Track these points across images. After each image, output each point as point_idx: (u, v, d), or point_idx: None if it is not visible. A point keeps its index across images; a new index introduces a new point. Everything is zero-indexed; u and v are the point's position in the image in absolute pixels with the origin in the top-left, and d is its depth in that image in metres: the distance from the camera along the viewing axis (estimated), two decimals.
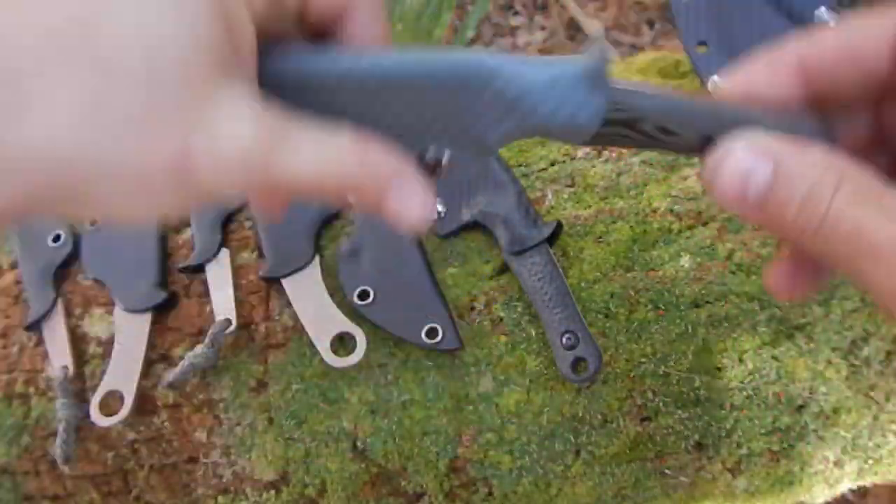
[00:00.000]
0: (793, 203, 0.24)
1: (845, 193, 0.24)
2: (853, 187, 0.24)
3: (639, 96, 0.28)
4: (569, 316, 0.46)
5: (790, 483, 0.52)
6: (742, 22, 0.51)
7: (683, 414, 0.47)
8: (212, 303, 0.50)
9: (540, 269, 0.47)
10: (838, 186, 0.24)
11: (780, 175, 0.25)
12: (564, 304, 0.47)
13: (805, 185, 0.24)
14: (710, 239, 0.49)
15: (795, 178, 0.24)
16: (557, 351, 0.46)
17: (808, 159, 0.25)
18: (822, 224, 0.24)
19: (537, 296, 0.47)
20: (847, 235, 0.23)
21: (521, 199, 0.50)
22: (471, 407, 0.48)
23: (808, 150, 0.25)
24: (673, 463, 0.50)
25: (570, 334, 0.46)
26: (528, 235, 0.48)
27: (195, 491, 0.51)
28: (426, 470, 0.48)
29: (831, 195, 0.24)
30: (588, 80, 0.26)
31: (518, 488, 0.49)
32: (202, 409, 0.49)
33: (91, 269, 0.53)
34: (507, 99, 0.27)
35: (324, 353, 0.47)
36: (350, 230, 0.52)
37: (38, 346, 0.51)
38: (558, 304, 0.47)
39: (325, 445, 0.48)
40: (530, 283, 0.48)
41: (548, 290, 0.47)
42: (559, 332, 0.46)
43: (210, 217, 0.53)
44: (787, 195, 0.24)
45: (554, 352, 0.46)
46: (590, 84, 0.27)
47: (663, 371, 0.47)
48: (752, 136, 0.26)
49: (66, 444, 0.47)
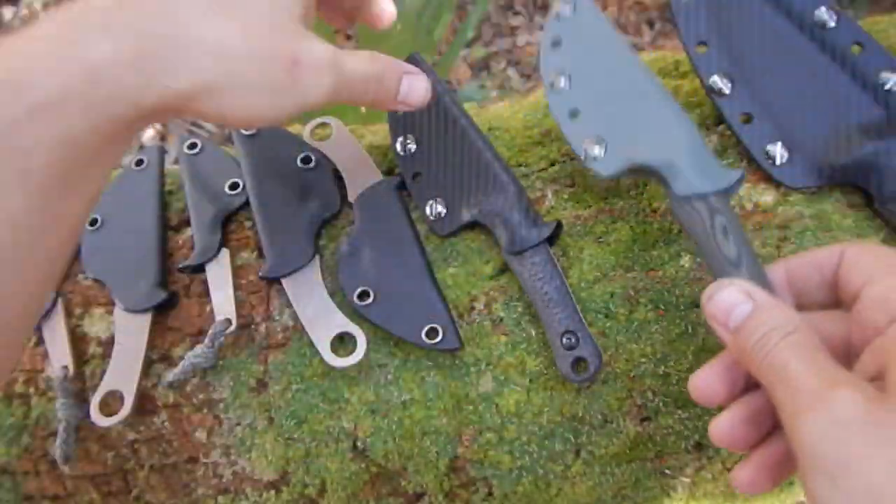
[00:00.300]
0: (754, 337, 0.33)
1: (788, 342, 0.32)
2: (796, 340, 0.32)
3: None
4: (569, 316, 0.46)
5: (790, 483, 0.52)
6: (742, 22, 0.51)
7: (683, 414, 0.47)
8: (212, 303, 0.50)
9: (540, 270, 0.47)
10: (790, 334, 0.32)
11: (756, 314, 0.34)
12: (564, 304, 0.46)
13: (767, 327, 0.33)
14: None
15: (763, 320, 0.33)
16: (557, 351, 0.46)
17: (779, 311, 0.34)
18: (766, 355, 0.32)
19: (537, 296, 0.47)
20: (779, 368, 0.32)
21: (521, 199, 0.50)
22: (471, 407, 0.48)
23: (780, 303, 0.35)
24: (673, 463, 0.50)
25: (570, 334, 0.46)
26: (527, 235, 0.48)
27: (195, 491, 0.51)
28: (426, 470, 0.48)
29: (779, 339, 0.32)
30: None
31: (518, 488, 0.49)
32: (202, 409, 0.49)
33: (91, 269, 0.53)
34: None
35: (324, 353, 0.47)
36: (350, 230, 0.52)
37: (38, 346, 0.51)
38: (558, 304, 0.46)
39: (325, 445, 0.48)
40: (530, 284, 0.47)
41: (548, 290, 0.47)
42: (559, 332, 0.46)
43: (210, 217, 0.53)
44: (753, 329, 0.33)
45: (554, 352, 0.46)
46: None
47: (663, 371, 0.47)
48: (744, 281, 0.36)
49: (66, 444, 0.47)
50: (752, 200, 0.50)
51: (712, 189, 0.42)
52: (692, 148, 0.44)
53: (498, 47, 1.90)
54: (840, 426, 0.29)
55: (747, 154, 0.51)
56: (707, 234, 0.41)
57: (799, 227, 0.48)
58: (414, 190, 0.54)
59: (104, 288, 0.52)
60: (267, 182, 0.54)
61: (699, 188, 0.42)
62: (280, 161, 0.55)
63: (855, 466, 0.28)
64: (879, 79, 0.48)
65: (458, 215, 0.51)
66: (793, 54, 0.50)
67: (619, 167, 0.46)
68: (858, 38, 0.49)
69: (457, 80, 1.81)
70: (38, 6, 1.97)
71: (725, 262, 0.40)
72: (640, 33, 1.89)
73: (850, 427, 0.29)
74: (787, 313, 0.34)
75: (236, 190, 0.55)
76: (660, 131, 0.46)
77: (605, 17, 0.52)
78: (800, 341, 0.32)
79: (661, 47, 1.83)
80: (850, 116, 0.48)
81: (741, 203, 0.50)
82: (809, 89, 0.49)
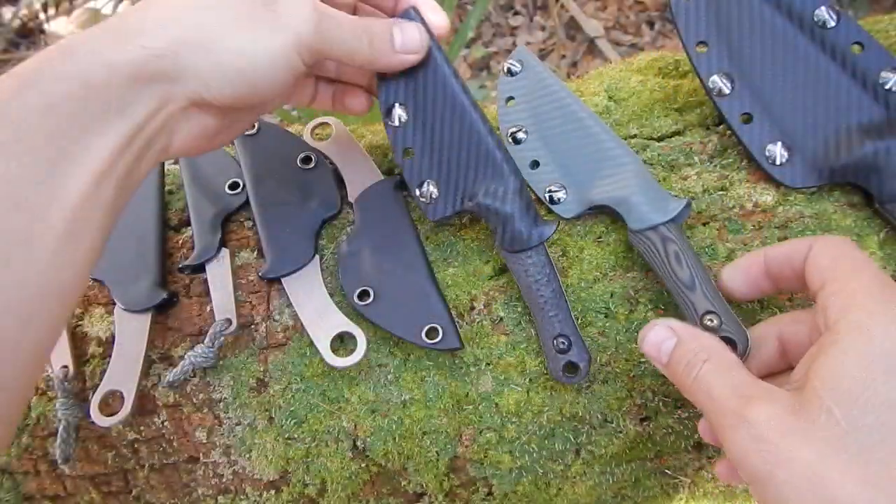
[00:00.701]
0: (681, 366, 0.38)
1: (709, 365, 0.36)
2: (715, 363, 0.36)
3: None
4: (563, 320, 0.46)
5: None
6: (742, 22, 0.51)
7: (683, 414, 0.47)
8: (212, 302, 0.50)
9: (537, 271, 0.47)
10: (707, 360, 0.37)
11: (679, 346, 0.38)
12: (559, 307, 0.46)
13: (689, 356, 0.37)
14: (710, 239, 0.49)
15: (686, 351, 0.38)
16: (549, 353, 0.46)
17: (696, 341, 0.38)
18: (693, 381, 0.37)
19: (532, 296, 0.47)
20: (704, 392, 0.36)
21: (522, 194, 0.48)
22: (471, 407, 0.48)
23: (699, 334, 0.39)
24: (673, 463, 0.50)
25: (563, 338, 0.46)
26: (527, 235, 0.47)
27: (195, 491, 0.51)
28: (426, 469, 0.48)
29: (701, 364, 0.37)
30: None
31: (518, 488, 0.49)
32: (202, 408, 0.49)
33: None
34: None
35: (324, 353, 0.47)
36: (350, 230, 0.52)
37: None
38: (553, 307, 0.46)
39: (326, 445, 0.48)
40: (525, 283, 0.47)
41: (544, 292, 0.46)
42: (552, 335, 0.46)
43: (210, 217, 0.53)
44: (679, 359, 0.38)
45: (545, 353, 0.46)
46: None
47: None
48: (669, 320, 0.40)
49: (66, 444, 0.47)
50: (752, 200, 0.50)
51: (662, 220, 0.46)
52: (641, 184, 0.49)
53: (498, 47, 1.90)
54: (759, 441, 0.32)
55: (747, 154, 0.51)
56: (662, 262, 0.46)
57: (799, 226, 0.48)
58: (405, 169, 0.50)
59: (104, 288, 0.52)
60: (267, 182, 0.54)
61: (650, 221, 0.47)
62: (280, 161, 0.55)
63: (779, 475, 0.31)
64: (880, 78, 0.48)
65: (452, 200, 0.49)
66: (793, 54, 0.50)
67: (579, 209, 0.51)
68: (859, 38, 0.49)
69: None
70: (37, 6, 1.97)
71: (681, 285, 0.45)
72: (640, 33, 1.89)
73: (767, 440, 0.32)
74: (704, 342, 0.38)
75: (236, 190, 0.55)
76: (611, 173, 0.50)
77: (548, 68, 0.56)
78: (717, 365, 0.36)
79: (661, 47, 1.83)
80: (850, 116, 0.48)
81: (741, 203, 0.50)
82: (810, 89, 0.49)
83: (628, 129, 0.55)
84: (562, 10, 1.91)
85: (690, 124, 0.55)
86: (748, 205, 0.50)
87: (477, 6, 1.35)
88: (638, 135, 0.55)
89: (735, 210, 0.49)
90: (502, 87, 0.56)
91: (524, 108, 0.55)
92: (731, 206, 0.50)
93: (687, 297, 0.44)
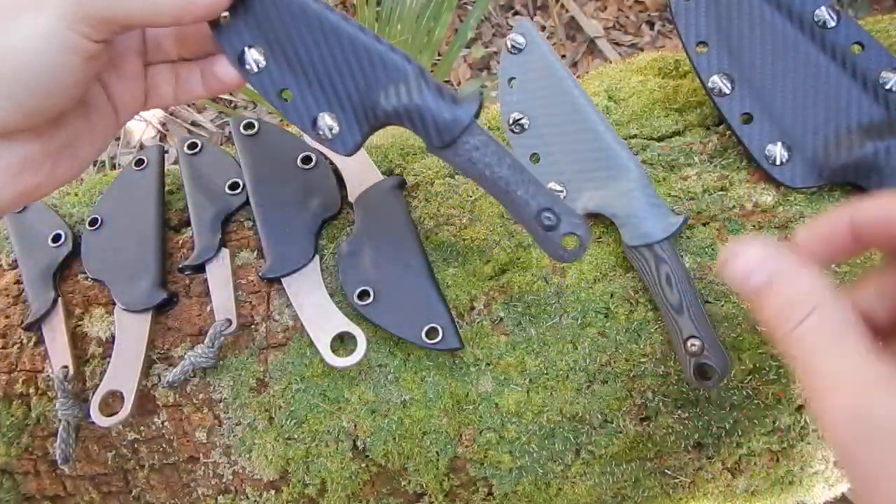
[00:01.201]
0: (772, 309, 0.30)
1: (815, 319, 0.28)
2: (825, 317, 0.28)
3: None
4: (536, 192, 0.42)
5: (790, 483, 0.52)
6: (742, 22, 0.51)
7: (683, 414, 0.47)
8: (212, 303, 0.50)
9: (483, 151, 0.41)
10: (810, 313, 0.29)
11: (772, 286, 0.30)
12: (526, 181, 0.42)
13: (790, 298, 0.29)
14: (710, 239, 0.49)
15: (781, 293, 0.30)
16: (679, 353, 0.45)
17: (802, 280, 0.30)
18: (787, 336, 0.29)
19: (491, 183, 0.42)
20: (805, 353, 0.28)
21: (427, 78, 0.41)
22: (471, 407, 0.48)
23: (802, 274, 0.30)
24: (673, 463, 0.50)
25: (548, 212, 0.41)
26: (451, 117, 0.40)
27: (195, 491, 0.51)
28: (426, 469, 0.48)
29: (801, 319, 0.29)
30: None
31: (518, 488, 0.49)
32: (202, 409, 0.49)
33: (91, 269, 0.53)
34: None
35: (324, 353, 0.47)
36: (350, 230, 0.52)
37: (38, 346, 0.51)
38: (518, 183, 0.42)
39: (325, 445, 0.48)
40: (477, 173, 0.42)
41: (500, 171, 0.41)
42: (536, 210, 0.42)
43: (210, 217, 0.53)
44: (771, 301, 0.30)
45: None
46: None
47: (663, 371, 0.47)
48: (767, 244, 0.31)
49: (66, 444, 0.47)
50: (752, 200, 0.50)
51: (656, 238, 0.46)
52: (640, 195, 0.48)
53: (498, 47, 1.90)
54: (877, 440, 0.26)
55: (747, 154, 0.51)
56: (654, 281, 0.45)
57: (799, 226, 0.48)
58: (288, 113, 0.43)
59: (104, 288, 0.52)
60: (267, 182, 0.54)
61: (645, 238, 0.46)
62: (280, 161, 0.55)
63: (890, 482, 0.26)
64: (880, 78, 0.48)
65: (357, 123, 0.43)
66: (793, 54, 0.50)
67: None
68: (859, 38, 0.49)
69: (457, 80, 1.81)
70: None
71: (670, 308, 0.44)
72: (640, 33, 1.89)
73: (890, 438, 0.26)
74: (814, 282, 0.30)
75: (236, 190, 0.55)
76: (610, 179, 0.49)
77: (550, 45, 0.54)
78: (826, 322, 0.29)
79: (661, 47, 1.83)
80: (851, 116, 0.49)
81: (741, 203, 0.50)
82: (810, 89, 0.49)
83: (628, 129, 0.55)
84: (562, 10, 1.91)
85: (690, 124, 0.55)
86: (748, 205, 0.50)
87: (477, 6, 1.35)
88: (638, 135, 0.55)
89: (735, 210, 0.49)
90: (505, 65, 0.55)
91: (526, 92, 0.54)
92: (731, 207, 0.50)
93: (674, 319, 0.45)
